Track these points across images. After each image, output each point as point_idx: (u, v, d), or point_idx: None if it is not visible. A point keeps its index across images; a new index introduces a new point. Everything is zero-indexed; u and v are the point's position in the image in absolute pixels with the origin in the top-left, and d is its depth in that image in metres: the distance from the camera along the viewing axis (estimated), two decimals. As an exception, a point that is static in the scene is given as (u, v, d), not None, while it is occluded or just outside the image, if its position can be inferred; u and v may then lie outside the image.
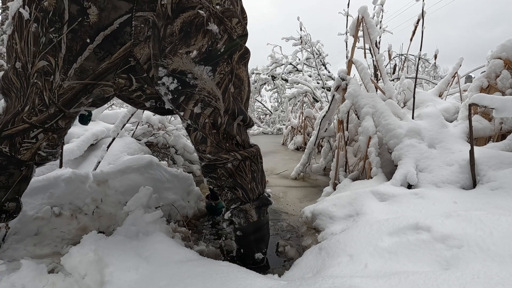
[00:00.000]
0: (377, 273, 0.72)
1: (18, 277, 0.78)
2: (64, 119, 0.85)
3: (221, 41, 0.84)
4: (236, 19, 0.87)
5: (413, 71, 5.79)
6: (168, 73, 0.81)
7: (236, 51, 0.90)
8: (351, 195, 1.35)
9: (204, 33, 0.80)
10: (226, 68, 0.88)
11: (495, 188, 1.19)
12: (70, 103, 0.81)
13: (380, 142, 1.76)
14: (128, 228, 1.06)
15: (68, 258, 0.86)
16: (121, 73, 0.82)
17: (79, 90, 0.80)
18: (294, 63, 8.33)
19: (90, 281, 0.81)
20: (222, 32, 0.84)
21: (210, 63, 0.84)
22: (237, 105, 0.94)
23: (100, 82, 0.81)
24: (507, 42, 1.66)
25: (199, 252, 1.10)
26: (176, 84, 0.83)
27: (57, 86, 0.77)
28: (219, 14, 0.82)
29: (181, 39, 0.79)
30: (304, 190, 2.28)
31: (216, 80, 0.87)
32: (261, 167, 1.07)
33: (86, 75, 0.78)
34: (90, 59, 0.76)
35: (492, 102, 1.23)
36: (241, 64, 0.93)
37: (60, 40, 0.73)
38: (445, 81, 2.61)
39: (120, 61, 0.79)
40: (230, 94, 0.92)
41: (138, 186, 1.32)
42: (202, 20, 0.79)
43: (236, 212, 1.03)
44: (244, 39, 0.92)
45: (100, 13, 0.72)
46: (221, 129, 0.93)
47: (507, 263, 0.65)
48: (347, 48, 2.24)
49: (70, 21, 0.71)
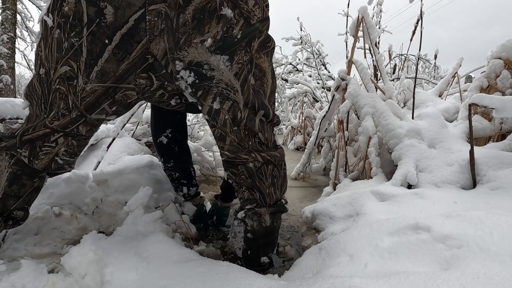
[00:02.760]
0: (377, 273, 0.72)
1: (18, 277, 0.78)
2: (86, 125, 0.85)
3: (237, 27, 0.79)
4: (253, 1, 0.80)
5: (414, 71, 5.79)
6: (184, 66, 0.79)
7: (255, 38, 0.83)
8: (351, 195, 1.35)
9: (218, 19, 0.76)
10: (244, 57, 0.82)
11: (495, 188, 1.19)
12: (92, 107, 0.82)
13: (380, 142, 1.76)
14: (128, 228, 1.06)
15: (68, 258, 0.86)
16: (141, 73, 0.81)
17: (101, 94, 0.81)
18: (294, 63, 8.33)
19: (90, 281, 0.81)
20: (237, 17, 0.78)
21: (227, 52, 0.79)
22: (258, 99, 0.89)
23: (121, 85, 0.82)
24: (507, 42, 1.66)
25: (199, 252, 1.10)
26: (194, 78, 0.81)
27: (80, 90, 0.79)
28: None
29: (195, 28, 0.75)
30: (304, 190, 2.28)
31: (234, 71, 0.82)
32: (284, 173, 1.03)
33: (107, 77, 0.78)
34: (110, 61, 0.77)
35: (492, 102, 1.23)
36: (262, 53, 0.86)
37: (81, 44, 0.74)
38: (445, 81, 2.61)
39: (139, 60, 0.79)
40: (250, 86, 0.86)
41: (138, 186, 1.32)
42: (214, 4, 0.75)
43: (250, 214, 1.01)
44: (265, 24, 0.84)
45: (116, 12, 0.72)
46: (242, 125, 0.89)
47: (507, 263, 0.65)
48: (347, 48, 2.24)
49: (89, 23, 0.73)
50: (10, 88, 5.42)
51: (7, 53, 5.42)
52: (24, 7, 7.15)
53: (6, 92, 5.37)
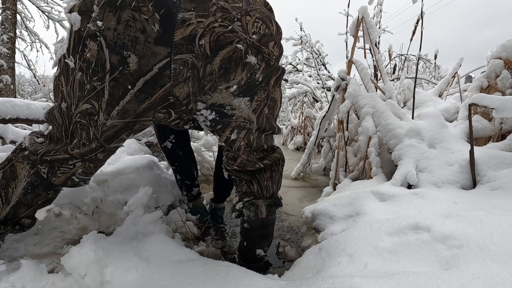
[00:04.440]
0: (377, 273, 0.72)
1: (18, 277, 0.78)
2: (103, 152, 0.88)
3: (259, 71, 0.83)
4: (272, 42, 0.84)
5: (414, 71, 5.79)
6: (207, 106, 0.82)
7: (273, 76, 0.88)
8: (351, 195, 1.35)
9: (243, 66, 0.79)
10: (263, 95, 0.88)
11: (495, 188, 1.19)
12: (111, 139, 0.84)
13: (380, 142, 1.76)
14: (128, 228, 1.06)
15: (68, 258, 0.86)
16: (161, 109, 0.83)
17: (121, 128, 0.83)
18: (294, 63, 8.33)
19: (90, 281, 0.81)
20: (260, 61, 0.82)
21: (249, 94, 0.84)
22: (269, 123, 0.95)
23: (140, 119, 0.83)
24: (507, 42, 1.66)
25: (199, 252, 1.10)
26: (214, 116, 0.85)
27: (101, 124, 0.80)
28: (256, 43, 0.80)
29: (221, 76, 0.78)
30: (304, 190, 2.28)
31: (253, 107, 0.88)
32: (281, 170, 1.08)
33: (128, 115, 0.80)
34: (131, 102, 0.78)
35: (492, 102, 1.23)
36: (277, 86, 0.92)
37: (103, 88, 0.76)
38: (445, 81, 2.61)
39: (160, 100, 0.80)
40: (264, 116, 0.92)
41: (138, 186, 1.32)
42: (240, 53, 0.77)
43: (247, 204, 1.05)
44: (280, 59, 0.90)
45: (140, 60, 0.73)
46: (253, 145, 0.95)
47: (507, 263, 0.65)
48: (347, 48, 2.24)
49: (111, 70, 0.74)
50: (10, 88, 5.42)
51: (7, 53, 5.42)
52: (24, 7, 7.15)
53: (6, 92, 5.36)
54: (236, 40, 0.76)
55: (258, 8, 0.81)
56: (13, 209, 0.91)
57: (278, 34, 0.87)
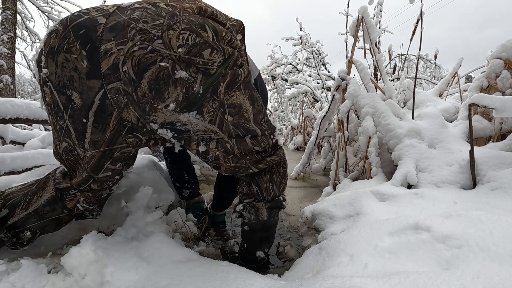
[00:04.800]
0: (377, 273, 0.72)
1: (18, 277, 0.78)
2: (95, 183, 0.94)
3: (197, 83, 0.78)
4: (208, 49, 0.78)
5: (414, 71, 5.79)
6: (159, 126, 0.83)
7: (220, 83, 0.81)
8: (351, 195, 1.35)
9: (174, 83, 0.76)
10: (213, 105, 0.82)
11: (495, 188, 1.19)
12: (97, 169, 0.91)
13: (380, 142, 1.76)
14: (128, 228, 1.06)
15: (68, 258, 0.86)
16: (126, 135, 0.86)
17: (100, 157, 0.89)
18: (294, 63, 8.33)
19: (90, 281, 0.81)
20: (194, 74, 0.77)
21: (193, 108, 0.81)
22: (241, 128, 0.90)
23: (114, 146, 0.88)
24: (507, 42, 1.66)
25: (199, 252, 1.10)
26: (172, 133, 0.85)
27: (83, 157, 0.88)
28: (184, 56, 0.75)
29: (154, 97, 0.77)
30: (304, 190, 2.28)
31: (207, 119, 0.84)
32: (283, 171, 1.05)
33: (99, 144, 0.86)
34: (95, 133, 0.83)
35: (492, 102, 1.23)
36: (233, 91, 0.85)
37: (67, 125, 0.83)
38: (445, 81, 2.61)
39: (118, 126, 0.84)
40: (229, 123, 0.87)
41: (138, 186, 1.32)
42: (167, 71, 0.75)
43: (248, 207, 1.04)
44: (229, 62, 0.82)
45: (81, 96, 0.78)
46: (235, 151, 0.92)
47: (507, 263, 0.65)
48: (347, 48, 2.24)
49: (65, 109, 0.80)
50: (10, 88, 5.42)
51: (7, 53, 5.42)
52: (24, 7, 7.15)
53: (6, 92, 5.36)
54: (158, 59, 0.74)
55: (185, 19, 0.77)
56: (26, 217, 0.96)
57: (219, 38, 0.80)
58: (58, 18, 6.96)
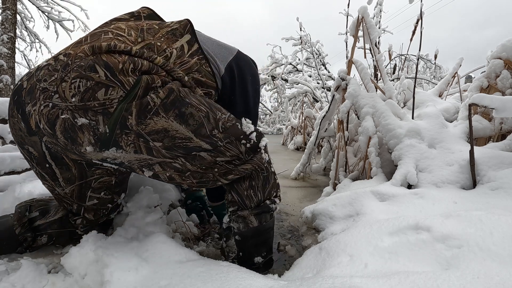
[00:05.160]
0: (377, 273, 0.72)
1: (18, 277, 0.79)
2: (88, 212, 1.02)
3: (100, 125, 0.78)
4: (102, 89, 0.76)
5: (414, 71, 5.79)
6: (97, 161, 0.88)
7: (127, 118, 0.78)
8: (351, 195, 1.35)
9: (80, 130, 0.79)
10: (129, 138, 0.81)
11: (495, 188, 1.19)
12: (81, 198, 0.98)
13: (380, 142, 1.76)
14: (128, 228, 1.06)
15: (68, 258, 0.86)
16: (90, 168, 0.94)
17: (79, 189, 0.96)
18: (294, 63, 8.33)
19: (90, 281, 0.81)
20: (93, 117, 0.77)
21: (110, 146, 0.81)
22: (178, 149, 0.86)
23: (88, 179, 0.96)
24: (507, 42, 1.66)
25: (199, 252, 1.10)
26: (111, 165, 0.89)
27: (64, 193, 0.96)
28: (79, 104, 0.76)
29: (72, 144, 0.81)
30: (304, 190, 2.28)
31: (131, 151, 0.82)
32: (263, 177, 0.99)
33: (72, 180, 0.94)
34: (63, 173, 0.92)
35: (492, 102, 1.23)
36: (148, 119, 0.80)
37: (39, 171, 0.93)
38: (445, 81, 2.61)
39: (76, 165, 0.92)
40: (159, 149, 0.84)
41: (138, 186, 1.32)
42: (69, 121, 0.78)
43: (234, 217, 1.01)
44: (133, 94, 0.79)
45: (34, 148, 0.88)
46: (191, 168, 0.89)
47: (507, 263, 0.65)
48: (347, 48, 2.24)
49: (31, 160, 0.91)
50: (10, 88, 5.42)
51: (7, 53, 5.42)
52: (24, 7, 7.16)
53: (6, 92, 5.37)
54: (59, 113, 0.78)
55: (75, 66, 0.78)
56: (51, 222, 1.03)
57: (116, 73, 0.78)
58: (58, 18, 6.97)
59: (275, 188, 1.05)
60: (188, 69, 0.93)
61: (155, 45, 0.89)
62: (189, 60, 0.94)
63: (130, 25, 0.94)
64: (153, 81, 0.82)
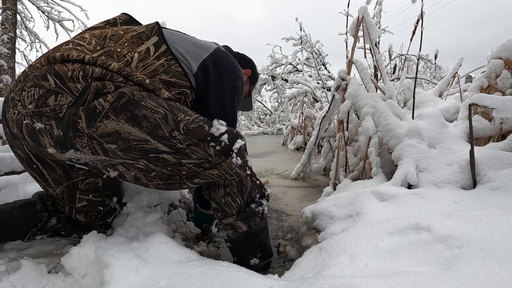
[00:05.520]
0: (377, 273, 0.72)
1: (18, 277, 0.79)
2: (79, 213, 1.07)
3: (54, 129, 0.83)
4: (52, 96, 0.82)
5: (414, 71, 5.79)
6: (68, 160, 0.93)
7: (77, 121, 0.82)
8: (351, 195, 1.35)
9: (40, 133, 0.85)
10: (83, 140, 0.84)
11: (495, 188, 1.19)
12: (72, 200, 1.04)
13: (380, 142, 1.76)
14: (128, 228, 1.06)
15: (68, 258, 0.86)
16: (73, 169, 1.00)
17: (68, 190, 1.02)
18: (294, 63, 8.33)
19: (90, 281, 0.81)
20: (47, 122, 0.83)
21: (68, 148, 0.86)
22: (134, 151, 0.87)
23: (74, 181, 1.01)
24: (507, 42, 1.66)
25: (199, 252, 1.10)
26: (80, 165, 0.95)
27: (55, 193, 1.02)
28: (35, 110, 0.83)
29: (39, 146, 0.88)
30: (304, 190, 2.28)
31: (89, 153, 0.87)
32: (235, 182, 0.96)
33: (60, 181, 1.00)
34: (50, 173, 0.98)
35: (492, 102, 1.23)
36: (98, 122, 0.83)
37: (30, 172, 1.00)
38: (445, 81, 2.61)
39: (58, 165, 0.98)
40: (116, 150, 0.86)
41: (138, 186, 1.32)
42: (30, 126, 0.85)
43: (221, 226, 1.01)
44: (83, 99, 0.82)
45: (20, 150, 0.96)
46: (156, 169, 0.91)
47: (507, 263, 0.65)
48: (347, 48, 2.24)
49: (21, 161, 0.99)
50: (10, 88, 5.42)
51: (7, 53, 5.42)
52: (24, 7, 7.15)
53: (6, 92, 5.37)
54: (23, 119, 0.85)
55: (31, 76, 0.86)
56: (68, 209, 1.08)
57: (66, 80, 0.83)
58: (58, 18, 6.97)
59: (256, 190, 1.03)
60: (153, 71, 0.94)
61: (114, 52, 0.92)
62: (153, 62, 0.95)
63: (95, 34, 0.98)
64: (104, 86, 0.85)
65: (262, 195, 1.05)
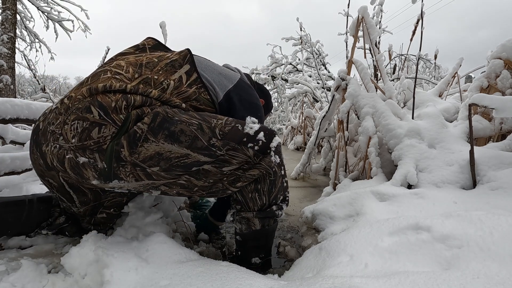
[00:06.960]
0: (377, 273, 0.72)
1: (18, 277, 0.78)
2: (96, 225, 1.10)
3: (98, 162, 0.84)
4: (96, 128, 0.83)
5: (414, 71, 5.79)
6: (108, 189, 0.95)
7: (120, 151, 0.83)
8: (351, 195, 1.35)
9: (83, 167, 0.86)
10: (127, 168, 0.86)
11: (495, 188, 1.19)
12: (92, 214, 1.07)
13: (380, 142, 1.76)
14: (128, 228, 1.06)
15: (68, 258, 0.86)
16: (105, 193, 1.02)
17: (92, 208, 1.05)
18: (294, 63, 8.32)
19: (90, 281, 0.81)
20: (91, 155, 0.84)
21: (112, 179, 0.87)
22: (177, 168, 0.88)
23: (100, 201, 1.04)
24: (507, 42, 1.66)
25: (199, 252, 1.10)
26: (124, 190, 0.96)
27: (79, 212, 1.05)
28: (78, 144, 0.83)
29: (80, 179, 0.90)
30: (304, 190, 2.28)
31: (133, 180, 0.89)
32: (270, 181, 0.97)
33: (88, 202, 1.02)
34: (79, 197, 1.01)
35: (492, 102, 1.23)
36: (140, 147, 0.84)
37: (58, 196, 1.02)
38: (445, 81, 2.61)
39: (90, 191, 1.01)
40: (158, 173, 0.88)
41: (138, 186, 1.32)
42: (74, 160, 0.86)
43: (238, 218, 1.01)
44: (125, 128, 0.84)
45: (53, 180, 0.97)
46: (198, 183, 0.91)
47: (507, 263, 0.65)
48: (347, 48, 2.24)
49: (51, 188, 1.00)
50: (10, 88, 5.42)
51: (7, 53, 5.42)
52: (24, 7, 7.15)
53: (6, 92, 5.36)
54: (65, 153, 0.85)
55: (74, 109, 0.85)
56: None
57: (109, 111, 0.84)
58: (57, 18, 6.96)
59: (282, 192, 1.02)
60: (186, 98, 0.97)
61: (151, 79, 0.94)
62: (187, 89, 0.98)
63: (130, 61, 0.99)
64: (143, 112, 0.86)
65: (284, 199, 1.05)
